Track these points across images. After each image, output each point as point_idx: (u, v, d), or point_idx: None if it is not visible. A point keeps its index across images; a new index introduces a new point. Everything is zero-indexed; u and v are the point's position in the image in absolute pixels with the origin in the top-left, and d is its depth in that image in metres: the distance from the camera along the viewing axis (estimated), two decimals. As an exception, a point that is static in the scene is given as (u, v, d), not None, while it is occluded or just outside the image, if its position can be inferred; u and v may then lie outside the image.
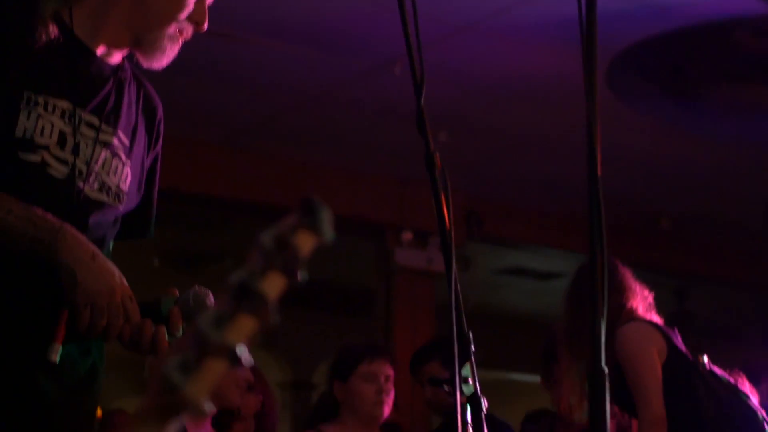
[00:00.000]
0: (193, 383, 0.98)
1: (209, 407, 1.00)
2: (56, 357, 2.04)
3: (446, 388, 2.34)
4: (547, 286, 10.05)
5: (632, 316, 4.14)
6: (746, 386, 4.60)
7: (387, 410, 4.09)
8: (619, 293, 4.17)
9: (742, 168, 7.03)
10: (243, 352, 0.99)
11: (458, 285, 2.34)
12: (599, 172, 1.87)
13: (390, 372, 4.12)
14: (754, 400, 4.61)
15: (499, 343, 10.99)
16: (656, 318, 4.23)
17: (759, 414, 4.03)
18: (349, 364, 4.08)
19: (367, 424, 4.10)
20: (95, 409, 2.36)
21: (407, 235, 7.37)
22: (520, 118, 6.49)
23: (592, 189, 1.91)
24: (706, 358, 4.12)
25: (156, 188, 2.50)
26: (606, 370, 1.83)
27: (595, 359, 1.82)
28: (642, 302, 4.25)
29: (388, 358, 4.21)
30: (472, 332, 2.49)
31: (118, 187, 2.26)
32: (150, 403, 1.01)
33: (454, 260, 2.34)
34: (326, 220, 1.05)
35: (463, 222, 7.56)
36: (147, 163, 2.43)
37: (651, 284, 9.36)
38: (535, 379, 12.74)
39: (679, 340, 4.16)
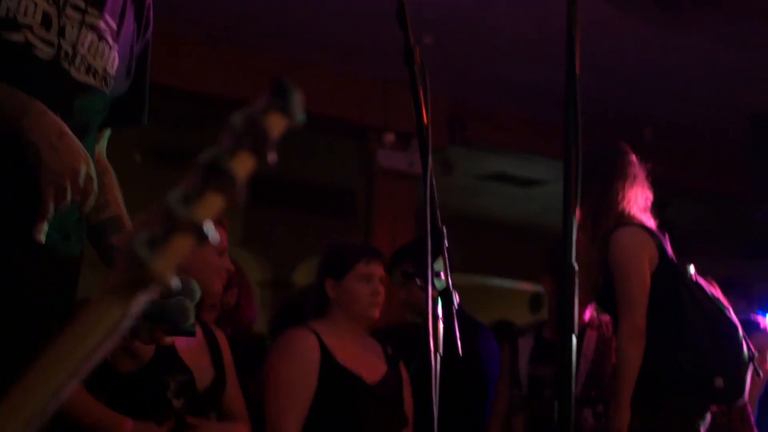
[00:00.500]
0: (159, 259, 0.99)
1: (175, 283, 1.01)
2: (42, 236, 2.04)
3: (418, 282, 2.35)
4: (528, 193, 10.09)
5: (628, 218, 4.15)
6: (719, 294, 4.65)
7: (378, 312, 4.13)
8: (619, 182, 4.21)
9: (727, 79, 7.02)
10: (210, 229, 1.00)
11: (434, 179, 2.36)
12: (578, 71, 1.87)
13: (383, 274, 4.16)
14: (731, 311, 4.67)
15: (480, 248, 11.07)
16: (651, 221, 4.24)
17: (739, 328, 4.07)
18: (345, 264, 4.09)
19: (358, 324, 4.13)
20: (73, 295, 2.36)
21: (389, 137, 7.36)
22: (506, 22, 6.44)
23: (569, 86, 1.91)
24: (692, 269, 4.15)
25: (148, 75, 2.49)
26: (576, 266, 1.85)
27: (566, 255, 1.85)
28: (641, 198, 4.26)
29: (383, 261, 4.24)
30: (453, 237, 2.51)
31: (105, 70, 2.25)
32: (116, 278, 1.02)
33: (430, 154, 2.35)
34: (297, 102, 1.05)
35: (446, 126, 7.55)
36: (137, 49, 2.41)
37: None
38: (515, 285, 12.87)
39: (669, 248, 4.18)
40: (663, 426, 3.95)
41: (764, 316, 5.52)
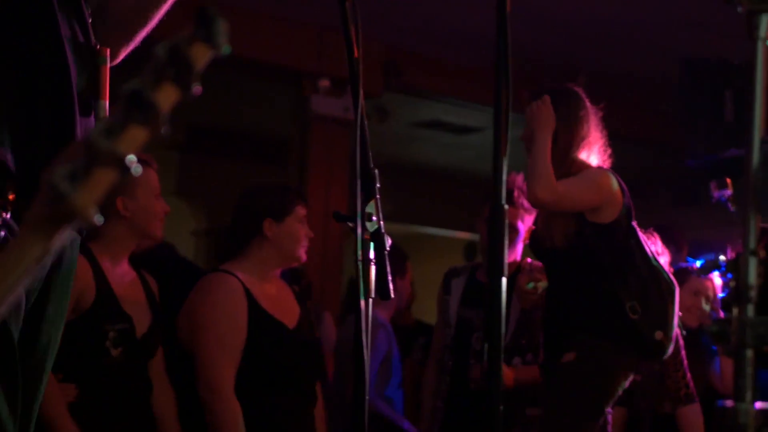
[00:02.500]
0: (81, 192, 0.97)
1: (98, 218, 0.99)
2: None
3: (350, 224, 2.35)
4: (463, 141, 10.09)
5: (586, 164, 4.20)
6: (659, 245, 4.70)
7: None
8: (577, 126, 4.25)
9: (661, 24, 7.05)
10: (132, 162, 0.98)
11: (366, 121, 2.35)
12: (508, 8, 1.86)
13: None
14: (666, 259, 4.73)
15: (414, 197, 11.08)
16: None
17: (673, 280, 4.13)
18: (287, 205, 4.07)
19: (281, 266, 4.12)
20: None
21: (324, 83, 7.31)
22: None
23: (500, 28, 1.90)
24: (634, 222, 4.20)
25: None
26: (506, 206, 1.86)
27: (496, 196, 1.85)
28: (599, 151, 4.31)
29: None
30: (388, 186, 2.51)
31: None
32: (37, 213, 1.00)
33: (361, 89, 2.33)
34: (222, 32, 1.03)
35: (381, 72, 7.52)
36: None
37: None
38: (450, 233, 12.90)
39: (629, 197, 4.22)
40: (596, 365, 3.99)
41: (694, 263, 5.60)
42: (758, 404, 1.65)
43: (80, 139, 1.11)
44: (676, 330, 4.74)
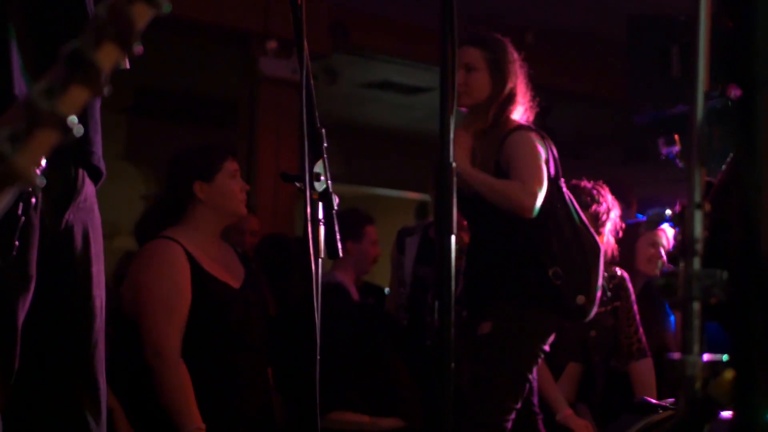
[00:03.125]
0: (22, 154, 0.96)
1: (40, 180, 0.98)
2: None
3: (297, 185, 2.34)
4: (413, 101, 10.09)
5: (521, 122, 4.12)
6: (609, 199, 4.73)
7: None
8: (509, 79, 4.13)
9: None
10: (73, 122, 0.97)
11: (312, 80, 2.34)
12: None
13: (239, 170, 4.13)
14: (617, 213, 4.76)
15: (365, 158, 11.08)
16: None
17: (600, 246, 4.12)
18: (213, 164, 4.03)
19: (222, 225, 4.08)
20: None
21: (272, 44, 7.27)
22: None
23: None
24: (563, 180, 4.17)
25: None
26: (454, 164, 1.87)
27: (443, 155, 1.85)
28: (528, 99, 4.20)
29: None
30: (338, 147, 2.51)
31: None
32: (-21, 175, 0.99)
33: (305, 41, 2.32)
34: (162, -10, 1.02)
35: (328, 32, 7.49)
36: None
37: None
38: (401, 194, 12.92)
39: (556, 157, 4.16)
40: (514, 336, 3.95)
41: (642, 218, 5.65)
42: (706, 356, 1.67)
43: (20, 100, 1.10)
44: (617, 280, 4.80)
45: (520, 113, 4.16)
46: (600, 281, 4.07)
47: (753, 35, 1.46)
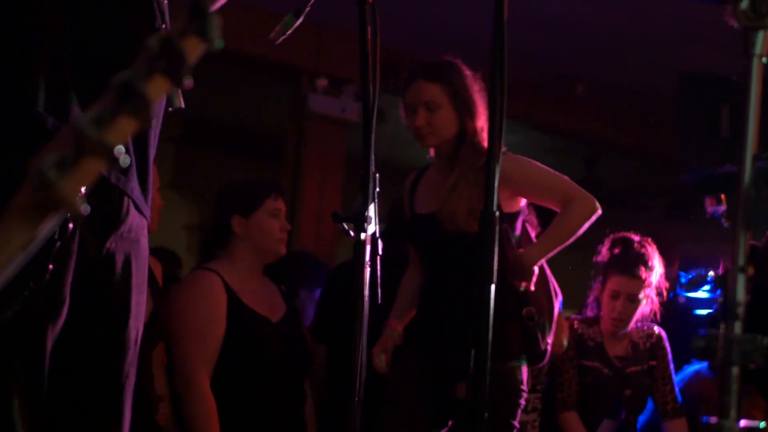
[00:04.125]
0: (68, 181, 0.96)
1: (85, 207, 0.99)
2: None
3: (345, 226, 2.34)
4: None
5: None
6: (655, 257, 4.70)
7: (284, 248, 4.11)
8: (474, 110, 3.92)
9: (659, 36, 7.06)
10: (120, 152, 0.98)
11: (374, 118, 2.35)
12: (505, 17, 1.86)
13: (285, 209, 4.13)
14: (661, 270, 4.71)
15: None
16: None
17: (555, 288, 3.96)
18: (254, 200, 4.03)
19: (262, 262, 4.08)
20: None
21: (322, 82, 7.31)
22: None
23: (496, 35, 1.90)
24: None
25: None
26: (498, 212, 1.86)
27: (488, 202, 1.85)
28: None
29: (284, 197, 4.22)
30: (383, 187, 2.50)
31: None
32: (23, 200, 1.00)
33: (371, 90, 2.33)
34: (215, 26, 1.02)
35: (379, 73, 7.51)
36: None
37: (561, 149, 9.49)
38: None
39: None
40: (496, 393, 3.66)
41: (685, 277, 5.60)
42: (743, 422, 1.65)
43: (68, 127, 1.11)
44: (654, 338, 4.75)
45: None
46: (554, 326, 3.85)
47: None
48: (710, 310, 5.24)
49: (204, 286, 3.91)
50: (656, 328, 4.81)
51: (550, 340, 3.84)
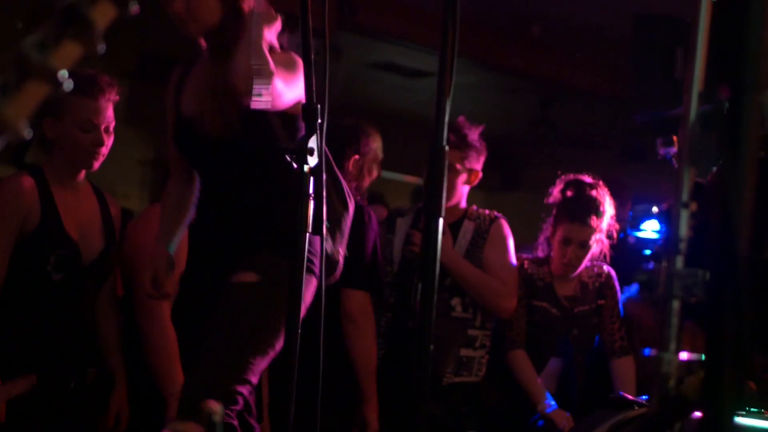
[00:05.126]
0: (12, 105, 0.96)
1: (28, 131, 0.99)
2: None
3: (289, 158, 2.34)
4: (416, 84, 10.06)
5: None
6: (607, 198, 4.73)
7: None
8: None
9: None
10: (65, 77, 0.98)
11: (314, 55, 2.34)
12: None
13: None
14: (612, 212, 4.75)
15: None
16: None
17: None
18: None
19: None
20: None
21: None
22: None
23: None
24: None
25: None
26: (447, 148, 1.87)
27: (438, 136, 1.86)
28: None
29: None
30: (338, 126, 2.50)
31: None
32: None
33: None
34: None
35: (336, 10, 7.47)
36: None
37: (517, 90, 9.44)
38: (399, 177, 12.90)
39: None
40: (276, 290, 3.06)
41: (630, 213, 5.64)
42: (683, 354, 1.68)
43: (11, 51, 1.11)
44: (603, 278, 4.81)
45: None
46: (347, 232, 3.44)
47: (743, 40, 1.47)
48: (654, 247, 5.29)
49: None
50: (605, 268, 4.85)
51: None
